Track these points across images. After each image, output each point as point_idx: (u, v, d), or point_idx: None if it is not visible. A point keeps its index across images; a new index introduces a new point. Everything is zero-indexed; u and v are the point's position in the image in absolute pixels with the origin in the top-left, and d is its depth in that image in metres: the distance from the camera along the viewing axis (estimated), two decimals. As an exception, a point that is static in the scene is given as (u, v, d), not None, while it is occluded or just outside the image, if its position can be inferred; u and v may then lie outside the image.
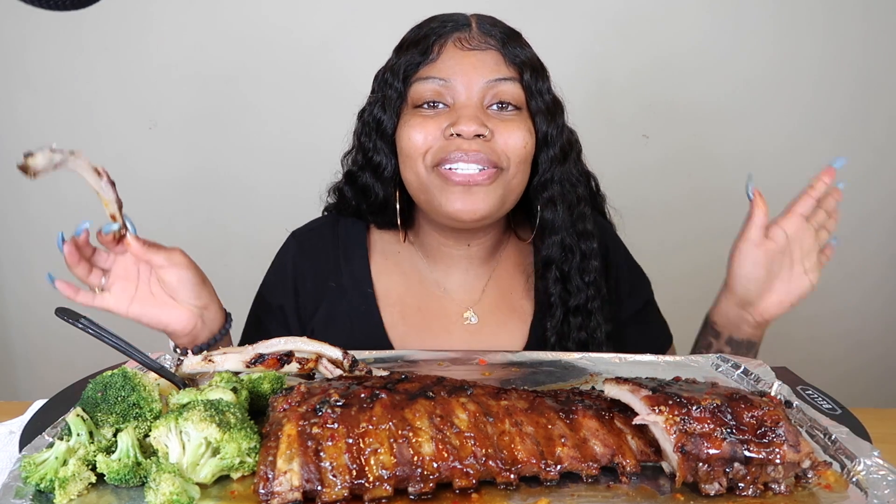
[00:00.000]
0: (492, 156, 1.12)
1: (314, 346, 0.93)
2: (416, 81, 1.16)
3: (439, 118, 1.14)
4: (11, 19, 2.32)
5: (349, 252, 1.30)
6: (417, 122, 1.14)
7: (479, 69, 1.13)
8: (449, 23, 1.18)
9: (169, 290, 1.09)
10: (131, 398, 0.78)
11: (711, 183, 2.32)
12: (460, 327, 1.25)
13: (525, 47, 1.19)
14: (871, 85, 2.26)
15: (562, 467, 0.72)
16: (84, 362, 1.15)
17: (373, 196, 1.25)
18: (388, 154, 1.22)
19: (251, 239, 2.44)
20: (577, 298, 1.22)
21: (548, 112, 1.18)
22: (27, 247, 2.51)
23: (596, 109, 2.27)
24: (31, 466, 0.70)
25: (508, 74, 1.15)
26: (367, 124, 1.24)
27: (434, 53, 1.16)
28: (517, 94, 1.15)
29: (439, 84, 1.14)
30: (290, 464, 0.67)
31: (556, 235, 1.21)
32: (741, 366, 1.03)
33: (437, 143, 1.13)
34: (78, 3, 0.78)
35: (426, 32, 1.18)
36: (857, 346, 2.32)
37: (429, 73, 1.15)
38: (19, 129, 2.41)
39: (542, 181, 1.20)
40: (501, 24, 1.20)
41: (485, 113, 1.13)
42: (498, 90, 1.14)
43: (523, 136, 1.14)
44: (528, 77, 1.16)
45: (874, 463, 0.73)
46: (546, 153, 1.19)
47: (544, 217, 1.22)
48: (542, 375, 1.03)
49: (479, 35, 1.16)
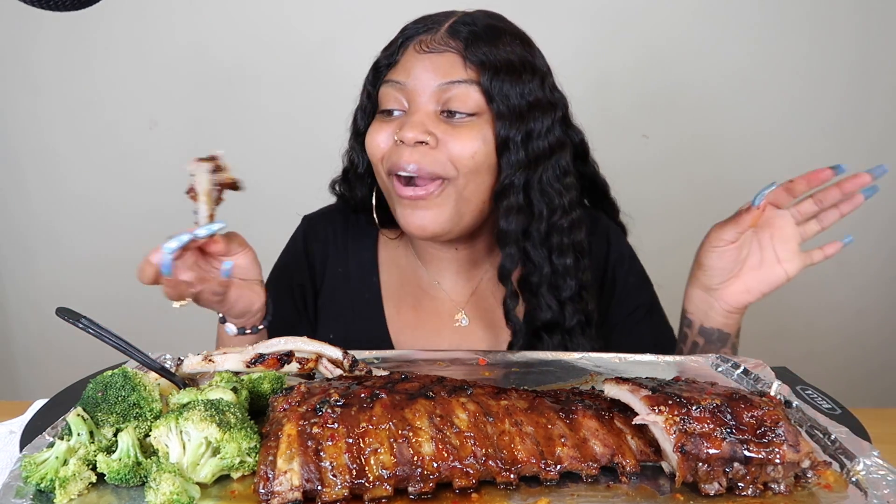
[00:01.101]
0: (433, 166, 1.08)
1: (314, 346, 0.93)
2: (383, 84, 1.16)
3: (393, 123, 1.13)
4: (12, 19, 2.32)
5: (358, 239, 1.32)
6: (376, 127, 1.15)
7: (432, 72, 1.10)
8: (421, 24, 1.17)
9: (241, 272, 1.07)
10: (131, 398, 0.78)
11: (711, 181, 2.32)
12: (451, 329, 1.26)
13: (498, 47, 1.12)
14: (870, 82, 2.26)
15: (562, 467, 0.72)
16: (84, 362, 1.15)
17: (360, 193, 1.28)
18: (362, 154, 1.22)
19: (252, 238, 2.44)
20: (547, 314, 1.16)
21: (514, 116, 1.10)
22: (28, 247, 2.51)
23: (595, 109, 2.26)
24: (32, 466, 0.70)
25: (462, 77, 1.09)
26: (352, 125, 1.26)
27: (398, 55, 1.15)
28: (472, 97, 1.09)
29: (396, 87, 1.13)
30: (290, 464, 0.67)
31: (510, 248, 1.14)
32: (741, 366, 1.03)
33: (388, 150, 1.12)
34: (78, 3, 0.78)
35: (398, 35, 1.18)
36: (857, 347, 2.32)
37: (390, 76, 1.15)
38: (19, 129, 2.41)
39: (502, 188, 1.13)
40: (482, 22, 1.14)
41: (435, 118, 1.10)
42: (450, 94, 1.09)
43: (473, 144, 1.09)
44: (487, 79, 1.09)
45: (874, 463, 0.73)
46: (507, 158, 1.11)
47: (500, 226, 1.14)
48: (542, 375, 1.03)
49: (443, 37, 1.12)
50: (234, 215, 2.64)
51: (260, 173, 2.39)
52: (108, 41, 2.33)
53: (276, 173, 2.39)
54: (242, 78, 2.35)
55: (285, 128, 2.37)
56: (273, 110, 2.36)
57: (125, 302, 2.47)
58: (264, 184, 2.41)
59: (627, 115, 2.31)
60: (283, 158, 2.38)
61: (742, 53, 2.26)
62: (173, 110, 2.38)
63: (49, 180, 2.45)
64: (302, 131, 2.34)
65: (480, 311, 1.27)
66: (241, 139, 2.40)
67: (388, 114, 1.15)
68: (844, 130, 2.28)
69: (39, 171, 2.44)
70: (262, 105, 2.37)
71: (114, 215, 2.46)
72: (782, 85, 2.27)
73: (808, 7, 2.22)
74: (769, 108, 2.29)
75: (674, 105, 2.31)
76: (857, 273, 2.34)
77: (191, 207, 1.03)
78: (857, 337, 2.30)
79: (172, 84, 2.36)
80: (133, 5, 2.25)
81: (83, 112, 2.39)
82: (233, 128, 2.39)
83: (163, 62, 2.34)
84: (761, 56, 2.26)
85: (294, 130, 2.35)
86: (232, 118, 2.38)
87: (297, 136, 2.35)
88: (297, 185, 2.34)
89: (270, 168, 2.39)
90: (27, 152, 2.43)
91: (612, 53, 2.28)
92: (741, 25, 2.25)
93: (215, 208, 1.02)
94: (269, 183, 2.40)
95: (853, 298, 2.34)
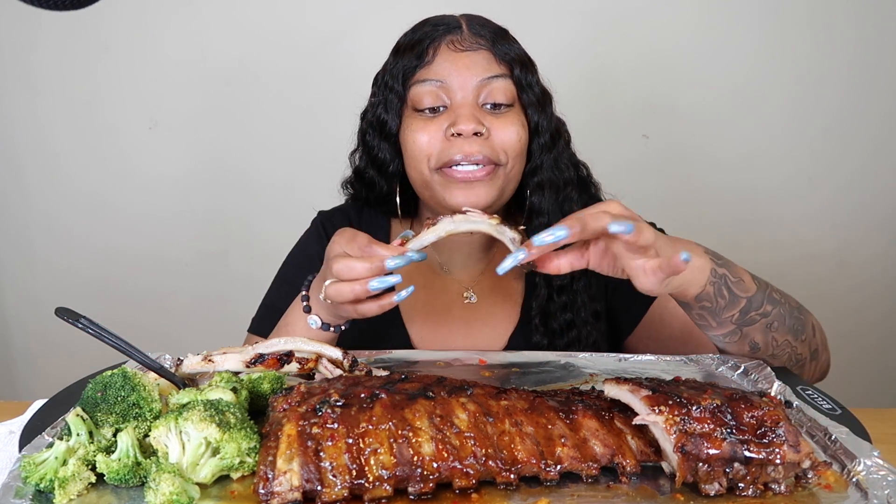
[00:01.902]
0: (490, 153, 1.17)
1: (314, 346, 0.93)
2: (415, 84, 1.21)
3: (439, 120, 1.19)
4: (12, 19, 2.32)
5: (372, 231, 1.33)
6: (420, 126, 1.20)
7: (472, 69, 1.19)
8: (441, 26, 1.23)
9: None
10: (131, 398, 0.78)
11: (711, 181, 2.33)
12: (460, 305, 1.32)
13: (513, 44, 1.24)
14: (868, 83, 2.26)
15: (562, 467, 0.72)
16: (84, 362, 1.15)
17: (378, 189, 1.33)
18: (391, 153, 1.28)
19: (252, 238, 2.45)
20: (561, 278, 1.25)
21: (538, 103, 1.24)
22: (28, 247, 2.51)
23: (595, 109, 2.27)
24: (31, 466, 0.70)
25: (500, 72, 1.20)
26: (371, 125, 1.30)
27: (429, 56, 1.21)
28: (509, 89, 1.21)
29: (436, 85, 1.19)
30: (290, 464, 0.67)
31: (543, 218, 1.25)
32: (741, 366, 1.03)
33: (439, 146, 1.18)
34: (78, 3, 0.78)
35: (420, 36, 1.23)
36: (857, 347, 2.32)
37: (425, 75, 1.20)
38: (20, 129, 2.41)
39: (533, 167, 1.26)
40: (490, 24, 1.26)
41: (481, 111, 1.19)
42: (491, 88, 1.19)
43: (517, 130, 1.20)
44: (518, 72, 1.22)
45: (874, 463, 0.72)
46: (537, 141, 1.25)
47: (532, 201, 1.27)
48: (542, 375, 1.03)
49: (470, 36, 1.22)
50: (232, 214, 2.66)
51: (261, 171, 2.41)
52: (109, 40, 2.33)
53: (278, 172, 2.39)
54: (242, 77, 2.34)
55: (286, 127, 2.36)
56: (273, 109, 2.36)
57: (125, 302, 2.47)
58: (266, 182, 2.42)
59: (627, 115, 2.31)
60: (285, 157, 2.38)
61: (742, 54, 2.26)
62: (173, 109, 2.38)
63: (49, 180, 2.45)
64: (303, 130, 2.34)
65: (487, 288, 1.34)
66: (242, 138, 2.40)
67: (429, 112, 1.20)
68: (844, 130, 2.28)
69: (40, 170, 2.44)
70: (262, 104, 2.36)
71: (114, 215, 2.46)
72: (782, 86, 2.27)
73: (809, 8, 2.22)
74: (769, 109, 2.29)
75: (674, 105, 2.31)
76: (857, 273, 2.34)
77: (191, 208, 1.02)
78: (857, 337, 2.30)
79: (173, 83, 2.36)
80: (133, 5, 2.25)
81: (83, 111, 2.39)
82: (233, 127, 2.39)
83: (163, 62, 2.34)
84: (761, 57, 2.26)
85: (295, 129, 2.35)
86: (232, 118, 2.38)
87: (297, 134, 2.35)
88: (299, 183, 2.35)
89: (272, 166, 2.40)
90: (27, 152, 2.43)
91: (613, 53, 2.28)
92: (741, 26, 2.25)
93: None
94: (271, 181, 2.41)
95: (853, 298, 2.34)
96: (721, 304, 0.99)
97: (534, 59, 1.26)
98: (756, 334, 1.03)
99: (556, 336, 1.25)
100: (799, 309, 1.08)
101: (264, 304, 1.37)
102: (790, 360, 1.08)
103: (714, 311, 1.00)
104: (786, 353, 1.06)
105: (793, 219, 2.34)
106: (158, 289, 2.49)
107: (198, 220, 2.44)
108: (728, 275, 0.99)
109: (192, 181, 2.42)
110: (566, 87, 1.28)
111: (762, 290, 1.03)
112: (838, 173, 2.30)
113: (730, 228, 2.32)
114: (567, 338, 1.24)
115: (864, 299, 2.35)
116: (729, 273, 0.99)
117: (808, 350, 1.09)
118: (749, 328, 1.02)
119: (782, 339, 1.05)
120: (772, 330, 1.04)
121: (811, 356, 1.10)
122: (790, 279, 2.14)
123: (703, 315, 1.01)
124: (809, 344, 1.09)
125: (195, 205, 2.44)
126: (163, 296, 2.49)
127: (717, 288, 0.98)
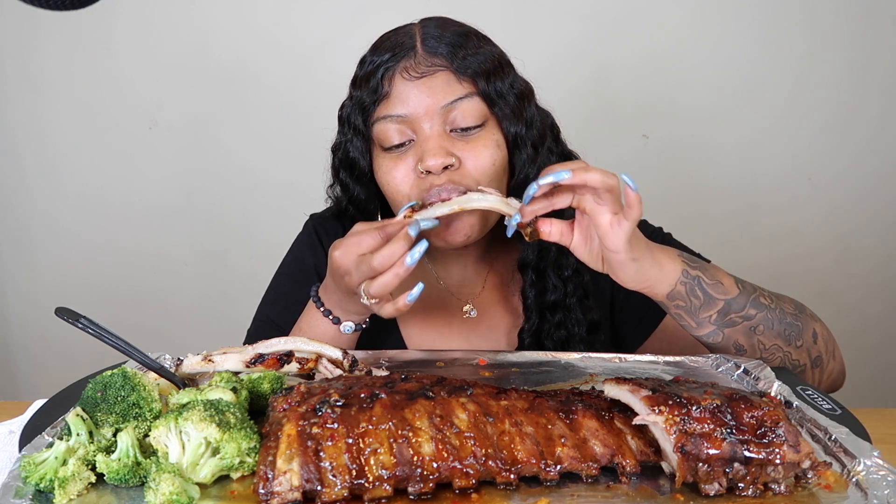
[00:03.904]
0: (464, 182, 1.09)
1: (314, 346, 0.93)
2: (377, 122, 1.13)
3: (407, 156, 1.11)
4: (12, 19, 2.32)
5: None
6: (391, 166, 1.12)
7: (432, 96, 1.09)
8: (393, 51, 1.13)
9: None
10: (131, 398, 0.78)
11: (711, 180, 2.33)
12: (460, 320, 1.28)
13: (477, 49, 1.13)
14: (864, 79, 2.26)
15: (562, 467, 0.72)
16: (84, 362, 1.15)
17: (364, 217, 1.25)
18: (367, 193, 1.21)
19: (252, 238, 2.45)
20: (553, 294, 1.21)
21: (513, 113, 1.14)
22: (29, 247, 2.51)
23: (595, 108, 2.27)
24: (31, 466, 0.70)
25: (463, 92, 1.10)
26: (342, 163, 1.22)
27: (385, 88, 1.12)
28: (476, 109, 1.11)
29: (397, 121, 1.11)
30: (290, 464, 0.67)
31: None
32: (741, 366, 1.03)
33: (413, 184, 1.11)
34: (78, 3, 0.78)
35: (372, 68, 1.13)
36: (858, 347, 2.32)
37: (385, 111, 1.12)
38: (21, 128, 2.42)
39: (517, 183, 1.16)
40: (447, 30, 1.15)
41: (449, 139, 1.10)
42: (457, 112, 1.10)
43: (491, 154, 1.11)
44: (483, 86, 1.11)
45: (874, 463, 0.72)
46: (519, 156, 1.15)
47: None
48: (542, 375, 1.03)
49: (425, 58, 1.11)
50: (232, 214, 2.66)
51: (261, 171, 2.41)
52: (109, 40, 2.33)
53: (278, 171, 2.39)
54: (242, 78, 2.35)
55: (286, 126, 2.37)
56: (274, 109, 2.37)
57: (125, 302, 2.47)
58: (266, 181, 2.42)
59: (627, 115, 2.31)
60: (285, 156, 2.38)
61: (740, 53, 2.26)
62: (174, 109, 2.38)
63: (50, 179, 2.46)
64: (303, 130, 2.33)
65: (488, 301, 1.29)
66: (242, 138, 2.40)
67: (396, 149, 1.13)
68: (842, 127, 2.28)
69: (41, 170, 2.45)
70: (262, 104, 2.37)
71: (115, 214, 2.46)
72: (780, 83, 2.27)
73: (804, 6, 2.22)
74: (767, 107, 2.29)
75: (674, 105, 2.31)
76: (857, 273, 2.35)
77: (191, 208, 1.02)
78: (858, 337, 2.30)
79: (173, 83, 2.36)
80: (133, 5, 2.26)
81: (84, 111, 2.39)
82: (233, 127, 2.39)
83: (163, 62, 2.35)
84: (759, 55, 2.26)
85: (295, 129, 2.36)
86: (232, 117, 2.38)
87: (298, 134, 2.35)
88: (299, 183, 2.34)
89: (272, 166, 2.40)
90: (29, 150, 2.44)
91: (612, 53, 2.28)
92: (739, 25, 2.25)
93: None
94: (271, 181, 2.41)
95: (853, 298, 2.34)
96: (696, 304, 1.03)
97: (532, 59, 1.22)
98: (738, 336, 1.05)
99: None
100: (797, 316, 1.08)
101: (260, 319, 1.31)
102: (785, 365, 1.08)
103: (690, 311, 1.03)
104: (777, 357, 1.07)
105: (792, 216, 2.34)
106: (159, 289, 2.49)
107: (198, 220, 2.44)
108: (702, 276, 1.03)
109: (193, 181, 2.42)
110: (566, 86, 1.27)
111: (746, 294, 1.05)
112: (837, 170, 2.31)
113: (729, 226, 2.33)
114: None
115: (863, 297, 2.36)
116: (704, 275, 1.03)
117: (808, 357, 1.09)
118: (730, 329, 1.05)
119: (770, 344, 1.06)
120: (757, 333, 1.05)
121: (812, 363, 1.10)
122: (789, 276, 2.14)
123: (681, 314, 1.04)
124: (809, 351, 1.09)
125: (195, 205, 2.44)
126: (163, 296, 2.49)
127: (690, 288, 1.02)
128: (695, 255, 1.11)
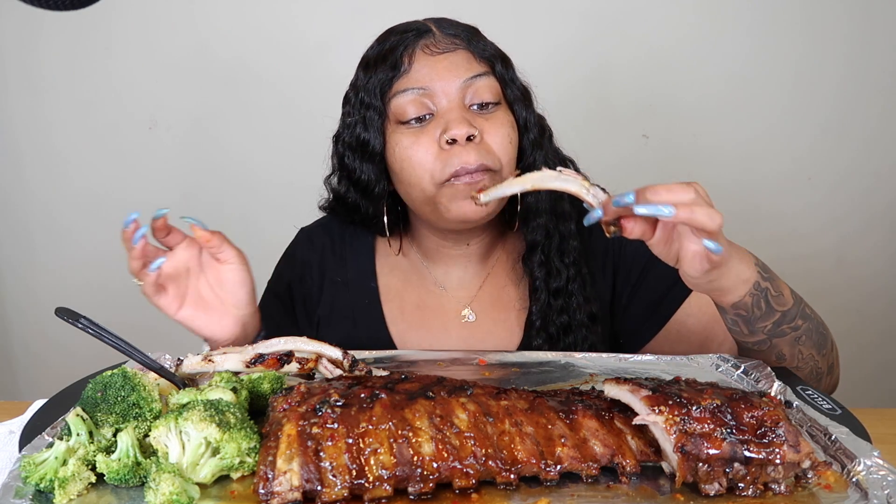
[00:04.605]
0: (486, 159, 1.10)
1: (314, 346, 0.93)
2: (395, 96, 1.14)
3: (429, 129, 1.12)
4: (12, 19, 2.32)
5: (356, 248, 1.33)
6: (411, 140, 1.12)
7: (454, 70, 1.13)
8: (409, 32, 1.17)
9: (225, 291, 1.04)
10: (131, 398, 0.78)
11: (711, 181, 2.32)
12: (458, 325, 1.27)
13: (487, 41, 1.20)
14: (864, 79, 2.26)
15: (562, 467, 0.72)
16: (84, 362, 1.15)
17: (363, 211, 1.25)
18: (376, 173, 1.20)
19: (252, 240, 2.43)
20: (557, 280, 1.22)
21: (522, 98, 1.20)
22: (29, 246, 2.51)
23: (595, 108, 2.27)
24: (31, 466, 0.70)
25: (482, 70, 1.15)
26: (349, 147, 1.21)
27: (405, 64, 1.14)
28: (494, 87, 1.16)
29: (418, 94, 1.12)
30: (290, 464, 0.67)
31: (540, 218, 1.22)
32: (741, 366, 1.03)
33: (437, 158, 1.11)
34: (78, 3, 0.78)
35: (391, 46, 1.16)
36: (857, 347, 2.32)
37: (405, 84, 1.13)
38: (21, 128, 2.41)
39: (526, 166, 1.18)
40: (460, 24, 1.21)
41: (470, 113, 1.13)
42: (476, 87, 1.13)
43: (508, 132, 1.15)
44: (499, 68, 1.17)
45: (874, 463, 0.72)
46: (527, 138, 1.20)
47: (527, 201, 1.22)
48: (542, 375, 1.03)
49: (443, 38, 1.16)
50: (232, 215, 2.66)
51: (262, 171, 2.41)
52: (109, 40, 2.33)
53: (278, 171, 2.39)
54: (242, 78, 2.34)
55: (286, 126, 2.36)
56: (274, 109, 2.36)
57: (125, 302, 2.47)
58: (266, 181, 2.42)
59: (627, 114, 2.31)
60: (285, 156, 2.37)
61: (740, 53, 2.26)
62: (174, 109, 2.38)
63: (50, 179, 2.45)
64: (303, 130, 2.33)
65: (487, 305, 1.28)
66: (242, 138, 2.40)
67: (415, 122, 1.13)
68: (841, 127, 2.28)
69: (41, 169, 2.44)
70: (262, 103, 2.36)
71: (115, 214, 2.44)
72: (780, 83, 2.27)
73: (804, 6, 2.22)
74: (767, 107, 2.29)
75: (674, 105, 2.31)
76: (857, 273, 2.34)
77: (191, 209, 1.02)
78: (857, 337, 2.30)
79: (173, 83, 2.36)
80: (133, 5, 2.25)
81: (84, 111, 2.39)
82: (233, 127, 2.39)
83: (163, 62, 2.34)
84: (759, 55, 2.26)
85: (295, 129, 2.35)
86: (232, 117, 2.38)
87: (298, 134, 2.35)
88: (299, 183, 2.34)
89: (272, 166, 2.40)
90: (29, 150, 2.43)
91: (612, 53, 2.28)
92: (739, 25, 2.25)
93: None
94: (272, 181, 2.41)
95: (853, 298, 2.34)
96: (757, 315, 0.99)
97: (532, 58, 1.24)
98: (784, 346, 1.04)
99: (554, 340, 1.20)
100: (823, 325, 1.09)
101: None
102: (811, 373, 1.07)
103: (748, 320, 1.00)
104: (809, 366, 1.06)
105: (792, 216, 2.34)
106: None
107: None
108: (770, 288, 0.99)
109: (192, 181, 2.42)
110: (566, 86, 1.27)
111: (797, 305, 1.03)
112: (836, 170, 2.30)
113: (729, 226, 2.31)
114: (563, 343, 1.20)
115: (863, 296, 2.35)
116: (771, 287, 0.99)
117: (827, 365, 1.09)
118: (779, 339, 1.03)
119: (807, 353, 1.05)
120: (799, 343, 1.04)
121: (828, 371, 1.10)
122: (789, 276, 2.13)
123: (738, 322, 1.01)
124: (828, 359, 1.09)
125: (195, 205, 2.43)
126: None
127: (756, 300, 0.98)
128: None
